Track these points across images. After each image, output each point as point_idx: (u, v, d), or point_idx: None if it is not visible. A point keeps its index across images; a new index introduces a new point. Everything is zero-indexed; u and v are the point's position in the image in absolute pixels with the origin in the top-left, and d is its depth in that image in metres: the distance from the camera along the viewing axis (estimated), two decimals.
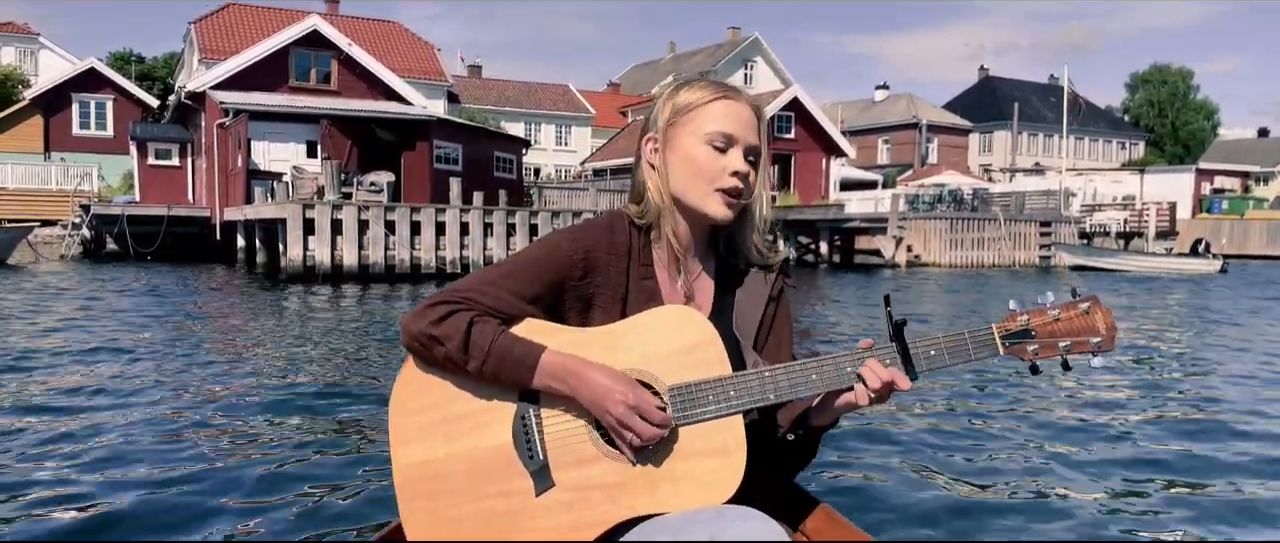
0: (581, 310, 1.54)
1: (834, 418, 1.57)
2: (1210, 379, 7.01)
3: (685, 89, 1.58)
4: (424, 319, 1.44)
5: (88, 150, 35.63)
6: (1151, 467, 4.21)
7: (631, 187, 1.62)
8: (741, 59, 55.17)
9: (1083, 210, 34.28)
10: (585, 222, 1.59)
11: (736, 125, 1.53)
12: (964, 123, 60.38)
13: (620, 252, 1.55)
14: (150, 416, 5.06)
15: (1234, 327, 11.37)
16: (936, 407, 5.26)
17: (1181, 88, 72.78)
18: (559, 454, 1.44)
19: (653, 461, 1.43)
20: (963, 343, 1.49)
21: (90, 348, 7.78)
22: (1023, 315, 1.50)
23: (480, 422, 1.46)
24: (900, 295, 17.32)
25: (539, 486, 1.43)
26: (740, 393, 1.45)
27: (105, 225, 25.96)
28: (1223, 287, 20.46)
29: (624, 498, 1.42)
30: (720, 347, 1.47)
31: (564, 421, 1.45)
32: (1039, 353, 1.49)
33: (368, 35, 35.68)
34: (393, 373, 6.43)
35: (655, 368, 1.45)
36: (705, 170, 1.52)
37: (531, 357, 1.43)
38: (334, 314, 11.67)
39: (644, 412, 1.40)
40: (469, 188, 20.44)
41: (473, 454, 1.45)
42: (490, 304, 1.46)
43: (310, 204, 18.18)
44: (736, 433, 1.44)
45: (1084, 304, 1.50)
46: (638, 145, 1.62)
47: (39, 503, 3.48)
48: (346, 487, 3.72)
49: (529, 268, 1.50)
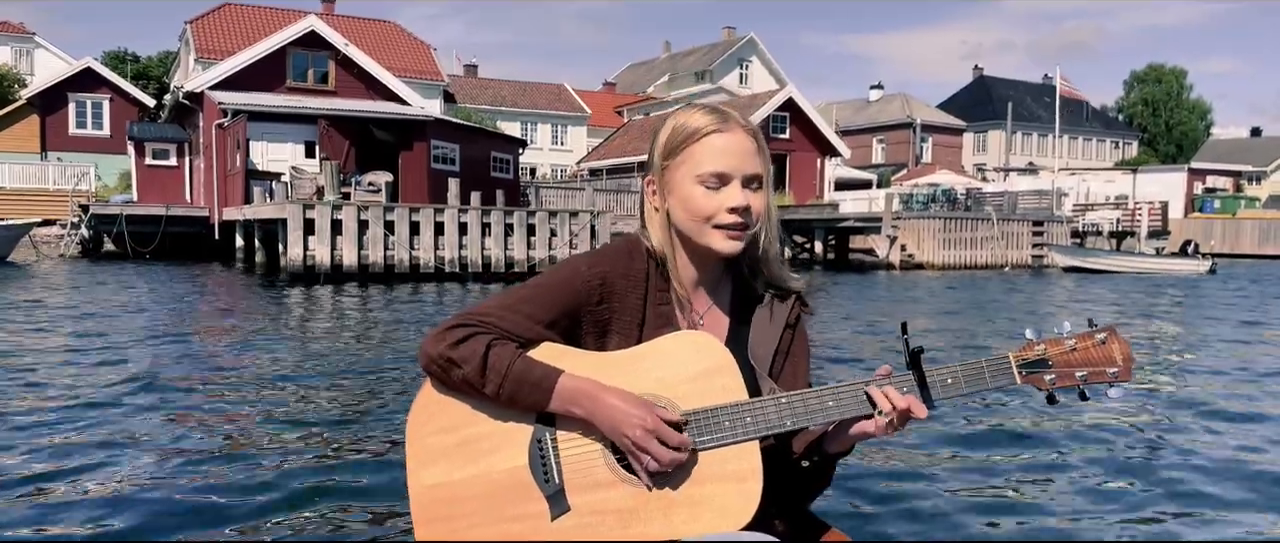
0: (598, 336, 1.55)
1: (850, 445, 1.58)
2: (1184, 376, 7.19)
3: (677, 121, 1.58)
4: (442, 342, 1.46)
5: (84, 150, 35.74)
6: (1127, 472, 4.38)
7: (640, 224, 1.64)
8: (737, 59, 55.38)
9: (1075, 210, 34.51)
10: (603, 247, 1.62)
11: (729, 160, 1.53)
12: (958, 123, 60.66)
13: (638, 279, 1.56)
14: (152, 423, 5.09)
15: (1210, 322, 11.58)
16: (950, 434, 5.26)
17: (1176, 87, 73.14)
18: (575, 478, 1.45)
19: (669, 486, 1.43)
20: (979, 371, 1.50)
21: (96, 348, 7.90)
22: (1039, 345, 1.51)
23: (497, 444, 1.47)
24: (894, 296, 17.49)
25: (554, 510, 1.44)
26: (757, 419, 1.46)
27: (104, 225, 26.07)
28: (1211, 287, 20.69)
29: (639, 524, 1.42)
30: (737, 373, 1.48)
31: (580, 444, 1.46)
32: (1056, 382, 1.50)
33: (364, 35, 35.82)
34: (401, 377, 6.58)
35: (671, 393, 1.47)
36: (702, 210, 1.52)
37: (549, 380, 1.44)
38: (358, 313, 11.81)
39: (662, 436, 1.41)
40: (466, 188, 20.59)
41: (489, 477, 1.46)
42: (508, 328, 1.48)
43: (311, 204, 18.31)
44: (752, 460, 1.45)
45: (1100, 335, 1.50)
46: (641, 185, 1.65)
47: (42, 501, 3.52)
48: (356, 505, 3.63)
49: (547, 293, 1.52)
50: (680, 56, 61.36)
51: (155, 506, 3.49)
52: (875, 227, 28.80)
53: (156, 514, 3.39)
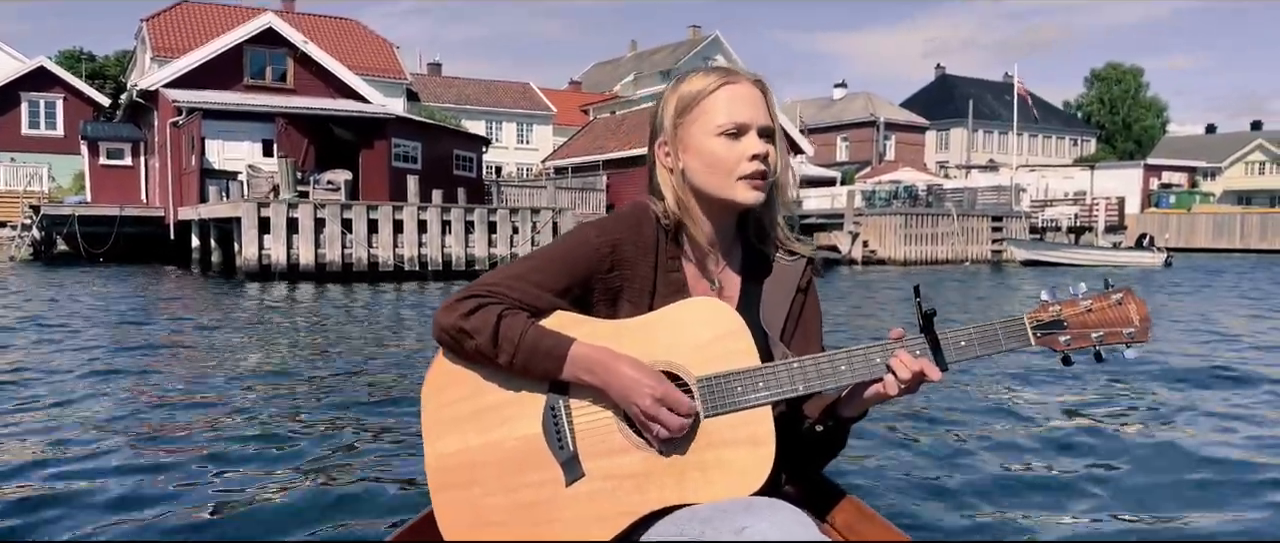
0: (609, 303, 1.54)
1: (863, 409, 1.57)
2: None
3: (685, 84, 1.57)
4: (454, 313, 1.46)
5: (37, 150, 34.95)
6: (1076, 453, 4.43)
7: (649, 190, 1.62)
8: (702, 57, 55.47)
9: (1034, 206, 35.01)
10: (612, 215, 1.60)
11: (744, 109, 1.52)
12: (921, 120, 61.23)
13: (648, 245, 1.55)
14: (135, 413, 5.06)
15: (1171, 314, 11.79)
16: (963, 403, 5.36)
17: (1133, 85, 74.39)
18: (588, 445, 1.45)
19: (682, 451, 1.44)
20: (993, 333, 1.48)
21: (58, 351, 7.74)
22: (1055, 306, 1.49)
23: (511, 413, 1.48)
24: (857, 293, 17.61)
25: (569, 475, 1.44)
26: (769, 384, 1.46)
27: (56, 226, 25.53)
28: (1167, 279, 21.07)
29: (653, 489, 1.43)
30: (749, 338, 1.47)
31: (593, 411, 1.47)
32: (1072, 344, 1.48)
33: (325, 32, 35.40)
34: (385, 366, 6.52)
35: (684, 359, 1.46)
36: (724, 162, 1.52)
37: (561, 349, 1.44)
38: (326, 312, 11.66)
39: (671, 404, 1.40)
40: (429, 186, 20.43)
41: (503, 445, 1.47)
42: (519, 297, 1.47)
43: (265, 203, 18.07)
44: (766, 424, 1.45)
45: (1117, 295, 1.48)
46: (650, 150, 1.62)
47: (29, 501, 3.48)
48: (360, 484, 3.68)
49: (557, 261, 1.51)
50: (646, 55, 61.39)
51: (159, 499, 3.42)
52: (838, 223, 28.99)
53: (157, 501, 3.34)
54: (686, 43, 58.02)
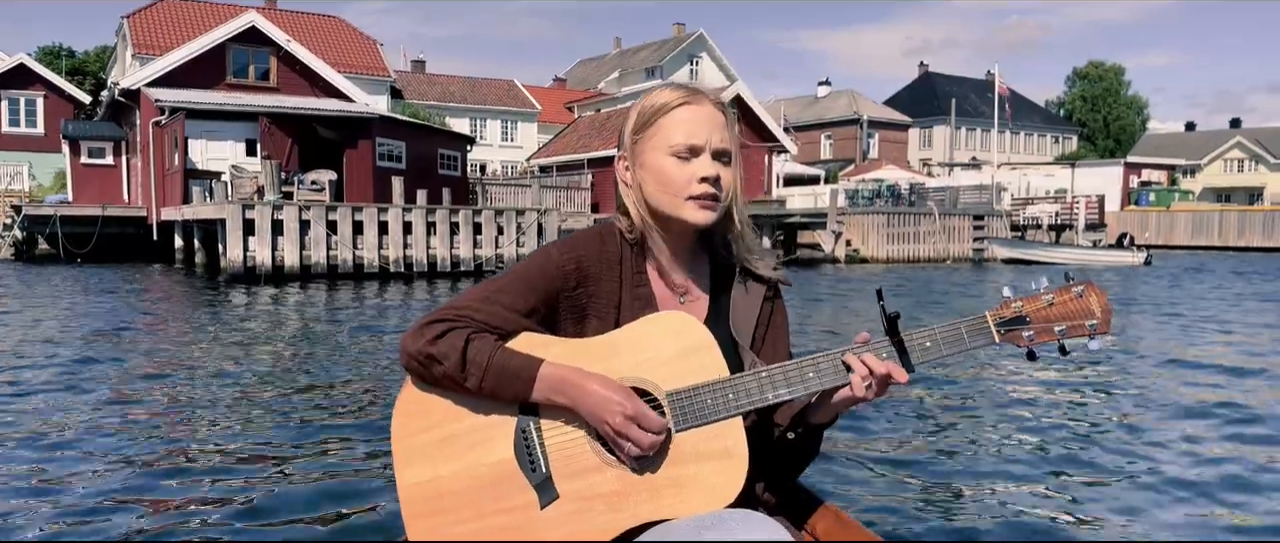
0: (577, 321, 1.54)
1: (834, 414, 1.57)
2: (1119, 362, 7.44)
3: (648, 98, 1.58)
4: (421, 339, 1.45)
5: (17, 148, 34.70)
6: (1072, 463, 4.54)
7: (616, 203, 1.63)
8: (687, 55, 55.55)
9: (1015, 204, 35.28)
10: (575, 234, 1.60)
11: (701, 131, 1.53)
12: (904, 119, 61.52)
13: (612, 261, 1.56)
14: (122, 429, 5.08)
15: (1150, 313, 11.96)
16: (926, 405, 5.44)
17: (1114, 84, 74.97)
18: (562, 465, 1.45)
19: (655, 467, 1.43)
20: (957, 333, 1.49)
21: (47, 355, 7.74)
22: (1017, 302, 1.50)
23: (482, 437, 1.47)
24: (839, 291, 17.74)
25: (543, 498, 1.44)
26: (739, 395, 1.46)
27: (37, 226, 25.35)
28: (1148, 277, 21.32)
29: (628, 507, 1.42)
30: (717, 350, 1.47)
31: (565, 432, 1.46)
32: (1035, 339, 1.49)
33: (308, 30, 35.26)
34: (362, 373, 6.55)
35: (653, 375, 1.46)
36: (674, 181, 1.52)
37: (529, 370, 1.44)
38: (305, 313, 11.67)
39: (642, 421, 1.41)
40: (413, 186, 20.40)
41: (475, 470, 1.46)
42: (485, 320, 1.47)
43: (250, 204, 18.02)
44: (737, 435, 1.45)
45: (1078, 288, 1.50)
46: (615, 164, 1.64)
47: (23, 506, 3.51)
48: (339, 510, 3.63)
49: (522, 281, 1.51)
50: (631, 53, 61.35)
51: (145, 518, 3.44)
52: (821, 222, 29.14)
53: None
54: (671, 41, 58.04)
